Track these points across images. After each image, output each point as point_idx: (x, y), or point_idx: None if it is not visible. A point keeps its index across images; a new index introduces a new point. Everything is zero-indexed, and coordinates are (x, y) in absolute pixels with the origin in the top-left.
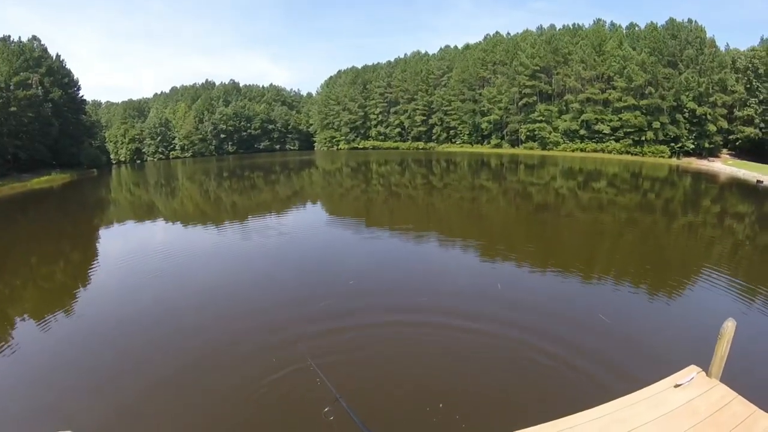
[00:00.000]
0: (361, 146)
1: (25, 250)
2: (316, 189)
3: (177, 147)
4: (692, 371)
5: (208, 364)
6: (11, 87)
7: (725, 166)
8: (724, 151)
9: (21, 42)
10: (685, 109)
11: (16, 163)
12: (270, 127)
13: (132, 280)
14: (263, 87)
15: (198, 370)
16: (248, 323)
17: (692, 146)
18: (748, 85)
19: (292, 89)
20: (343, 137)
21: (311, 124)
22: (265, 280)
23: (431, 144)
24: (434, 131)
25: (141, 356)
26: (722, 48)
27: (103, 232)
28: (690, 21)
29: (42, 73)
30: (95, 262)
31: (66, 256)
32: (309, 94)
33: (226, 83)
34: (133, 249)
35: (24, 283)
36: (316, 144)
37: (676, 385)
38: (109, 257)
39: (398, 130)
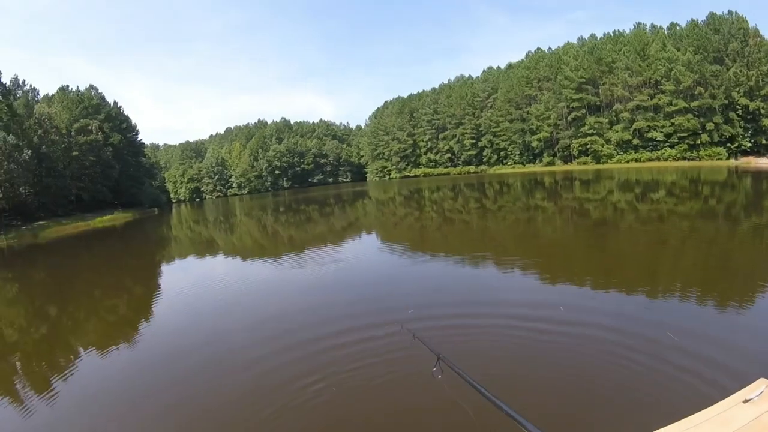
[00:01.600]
0: (412, 174)
1: (87, 284)
2: (369, 218)
3: (234, 185)
4: (762, 384)
5: (267, 394)
6: (72, 133)
7: None
8: None
9: (79, 91)
10: (737, 106)
11: (80, 203)
12: (322, 161)
13: (191, 313)
14: (313, 123)
15: (258, 401)
16: (305, 354)
17: (749, 144)
18: None
19: (341, 123)
20: (394, 166)
21: (362, 156)
22: (323, 310)
23: (482, 167)
24: (484, 154)
25: (199, 386)
26: (766, 37)
27: (164, 267)
28: (731, 13)
29: (101, 119)
30: (156, 294)
31: (127, 289)
32: (358, 127)
33: (278, 121)
34: (193, 282)
35: (87, 315)
36: (368, 175)
37: (745, 401)
38: (169, 290)
39: (448, 155)
